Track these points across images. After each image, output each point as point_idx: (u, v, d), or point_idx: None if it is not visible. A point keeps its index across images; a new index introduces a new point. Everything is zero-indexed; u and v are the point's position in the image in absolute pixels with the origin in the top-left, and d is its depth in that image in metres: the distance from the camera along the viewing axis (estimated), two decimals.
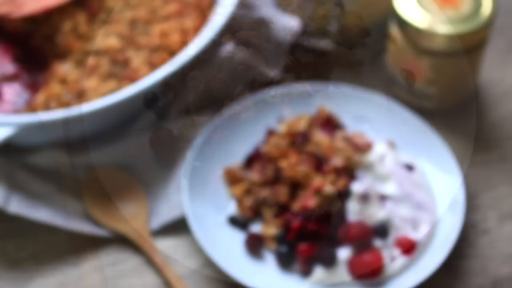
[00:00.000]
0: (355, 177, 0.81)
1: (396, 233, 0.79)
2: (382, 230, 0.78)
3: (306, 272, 0.77)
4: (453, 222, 0.79)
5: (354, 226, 0.77)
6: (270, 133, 0.88)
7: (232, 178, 0.86)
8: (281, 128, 0.86)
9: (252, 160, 0.86)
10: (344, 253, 0.77)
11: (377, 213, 0.78)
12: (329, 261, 0.76)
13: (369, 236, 0.77)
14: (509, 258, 0.81)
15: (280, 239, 0.79)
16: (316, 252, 0.77)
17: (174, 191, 0.86)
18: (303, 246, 0.77)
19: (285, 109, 0.91)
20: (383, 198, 0.80)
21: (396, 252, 0.78)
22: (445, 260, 0.77)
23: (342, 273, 0.76)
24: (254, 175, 0.84)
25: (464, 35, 0.84)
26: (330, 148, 0.81)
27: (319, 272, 0.77)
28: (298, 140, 0.84)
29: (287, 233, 0.79)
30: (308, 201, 0.79)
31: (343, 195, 0.79)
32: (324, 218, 0.79)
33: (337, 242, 0.78)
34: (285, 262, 0.78)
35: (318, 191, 0.79)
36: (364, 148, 0.84)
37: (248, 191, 0.84)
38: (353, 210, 0.78)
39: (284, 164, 0.82)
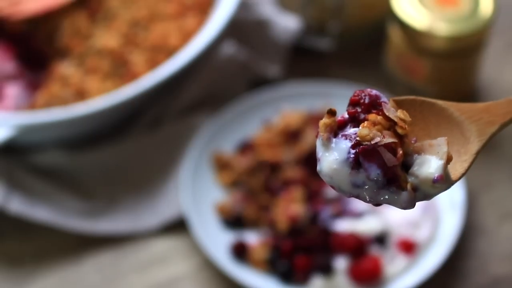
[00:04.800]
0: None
1: (396, 236, 0.79)
2: (380, 238, 0.78)
3: (305, 282, 0.77)
4: (453, 222, 0.79)
5: (349, 237, 0.77)
6: (266, 125, 0.88)
7: (220, 164, 0.86)
8: (276, 121, 0.87)
9: (244, 148, 0.87)
10: (341, 262, 0.77)
11: (372, 227, 0.79)
12: (326, 270, 0.76)
13: (365, 244, 0.78)
14: (508, 257, 0.81)
15: (273, 262, 0.78)
16: (313, 262, 0.77)
17: (173, 190, 0.86)
18: (299, 259, 0.77)
19: (284, 109, 0.91)
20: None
21: (397, 253, 0.78)
22: (445, 259, 0.77)
23: (341, 281, 0.76)
24: (240, 161, 0.84)
25: (464, 35, 0.84)
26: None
27: (317, 281, 0.77)
28: (289, 136, 0.85)
29: (279, 255, 0.78)
30: (292, 208, 0.79)
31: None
32: (313, 231, 0.79)
33: (333, 252, 0.78)
34: (286, 278, 0.78)
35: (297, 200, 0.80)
36: None
37: (235, 180, 0.85)
38: (345, 227, 0.79)
39: (266, 154, 0.83)
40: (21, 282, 0.81)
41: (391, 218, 0.80)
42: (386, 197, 0.44)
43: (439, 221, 0.80)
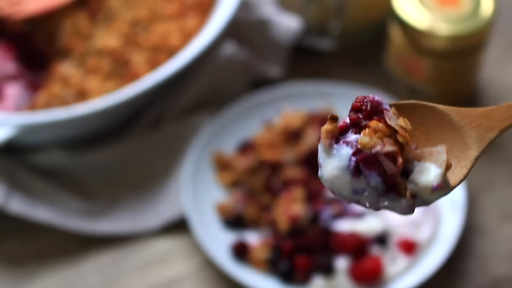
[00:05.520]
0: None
1: (396, 236, 0.79)
2: (381, 239, 0.78)
3: (305, 283, 0.77)
4: (453, 222, 0.79)
5: (349, 237, 0.77)
6: (267, 125, 0.88)
7: (221, 164, 0.86)
8: (277, 121, 0.87)
9: (245, 148, 0.87)
10: (342, 262, 0.77)
11: (373, 227, 0.79)
12: (327, 271, 0.76)
13: (365, 244, 0.78)
14: (508, 257, 0.81)
15: (274, 262, 0.78)
16: (314, 262, 0.77)
17: (174, 190, 0.86)
18: (300, 259, 0.78)
19: (285, 109, 0.91)
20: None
21: (398, 253, 0.78)
22: (446, 259, 0.77)
23: (342, 281, 0.76)
24: (241, 161, 0.84)
25: (465, 35, 0.84)
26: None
27: (318, 281, 0.77)
28: (290, 136, 0.85)
29: (280, 255, 0.78)
30: (293, 209, 0.79)
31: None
32: (314, 231, 0.79)
33: (334, 252, 0.78)
34: (286, 278, 0.78)
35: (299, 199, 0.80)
36: None
37: (236, 180, 0.85)
38: (346, 228, 0.79)
39: (267, 154, 0.83)
40: (21, 282, 0.81)
41: (392, 218, 0.80)
42: (386, 203, 0.45)
43: (439, 221, 0.80)
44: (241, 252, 0.79)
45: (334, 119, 0.45)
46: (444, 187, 0.44)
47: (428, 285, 0.76)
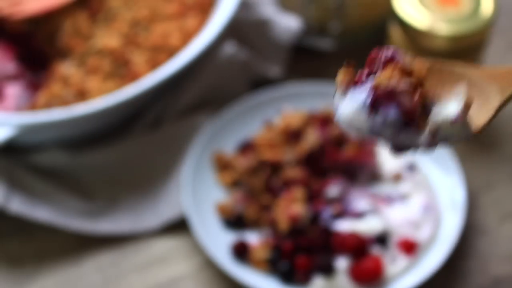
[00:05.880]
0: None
1: (397, 236, 0.79)
2: (381, 239, 0.78)
3: (306, 283, 0.77)
4: (454, 222, 0.79)
5: (350, 237, 0.77)
6: (267, 125, 0.88)
7: (221, 164, 0.86)
8: (277, 121, 0.87)
9: (245, 148, 0.87)
10: (342, 262, 0.77)
11: (373, 227, 0.79)
12: (327, 271, 0.77)
13: (366, 245, 0.78)
14: (509, 257, 0.81)
15: (274, 262, 0.78)
16: (314, 262, 0.77)
17: (174, 190, 0.86)
18: (300, 259, 0.77)
19: (285, 109, 0.91)
20: (386, 200, 0.81)
21: (398, 253, 0.78)
22: (446, 260, 0.77)
23: (342, 281, 0.76)
24: (241, 161, 0.84)
25: (465, 35, 0.84)
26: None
27: (318, 281, 0.77)
28: (290, 136, 0.85)
29: (280, 255, 0.78)
30: (293, 209, 0.79)
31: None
32: (314, 231, 0.79)
33: (334, 252, 0.78)
34: (287, 278, 0.78)
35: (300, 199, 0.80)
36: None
37: (236, 180, 0.85)
38: (346, 228, 0.79)
39: (267, 154, 0.83)
40: (21, 282, 0.81)
41: (392, 218, 0.80)
42: (406, 138, 0.44)
43: (440, 221, 0.80)
44: (241, 252, 0.79)
45: (350, 64, 0.46)
46: (464, 121, 0.43)
47: (428, 285, 0.76)
